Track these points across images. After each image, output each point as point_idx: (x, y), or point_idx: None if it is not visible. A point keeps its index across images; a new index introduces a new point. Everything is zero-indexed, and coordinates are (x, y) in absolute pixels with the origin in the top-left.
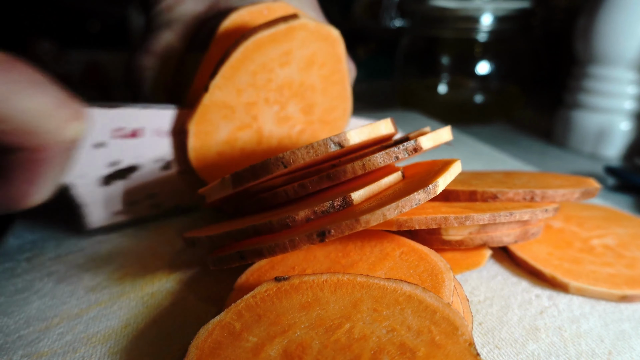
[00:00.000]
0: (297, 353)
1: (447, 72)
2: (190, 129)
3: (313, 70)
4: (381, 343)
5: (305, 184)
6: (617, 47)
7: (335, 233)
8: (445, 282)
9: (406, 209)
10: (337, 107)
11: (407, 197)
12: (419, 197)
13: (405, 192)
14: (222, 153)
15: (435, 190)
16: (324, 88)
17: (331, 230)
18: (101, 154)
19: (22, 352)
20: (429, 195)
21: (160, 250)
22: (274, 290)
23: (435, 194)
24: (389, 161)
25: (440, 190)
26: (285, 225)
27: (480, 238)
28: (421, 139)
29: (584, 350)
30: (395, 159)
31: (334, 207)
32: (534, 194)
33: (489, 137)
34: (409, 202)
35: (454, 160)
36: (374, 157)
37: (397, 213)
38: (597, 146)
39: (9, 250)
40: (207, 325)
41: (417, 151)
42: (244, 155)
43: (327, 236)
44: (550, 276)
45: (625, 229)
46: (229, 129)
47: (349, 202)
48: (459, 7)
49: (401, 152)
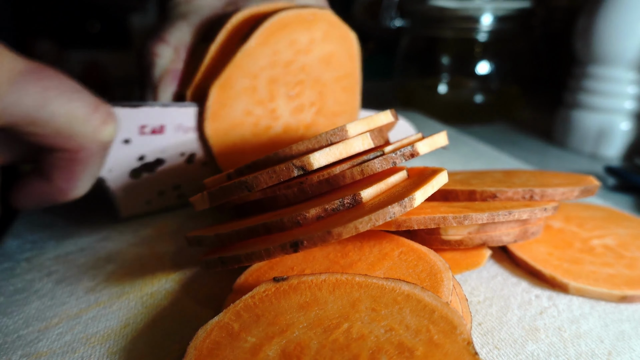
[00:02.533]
0: (296, 353)
1: (447, 72)
2: (212, 91)
3: (329, 68)
4: (379, 342)
5: (305, 188)
6: (617, 47)
7: (307, 244)
8: (443, 282)
9: (380, 222)
10: (344, 112)
11: (381, 210)
12: (394, 211)
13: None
14: (237, 130)
15: (412, 204)
16: (335, 90)
17: (304, 242)
18: (129, 149)
19: (21, 352)
20: (405, 209)
21: (160, 250)
22: (272, 291)
23: (412, 207)
24: (386, 166)
25: (417, 203)
26: (296, 223)
27: (479, 238)
28: (418, 145)
29: (584, 350)
30: (393, 164)
31: (343, 205)
32: (533, 192)
33: (489, 137)
34: (382, 216)
35: (439, 170)
36: (372, 163)
37: (370, 226)
38: (597, 146)
39: (8, 250)
40: (205, 326)
41: (414, 156)
42: (256, 138)
43: (300, 247)
44: (550, 276)
45: (625, 229)
46: (247, 102)
47: (359, 200)
48: (459, 7)
49: (398, 158)
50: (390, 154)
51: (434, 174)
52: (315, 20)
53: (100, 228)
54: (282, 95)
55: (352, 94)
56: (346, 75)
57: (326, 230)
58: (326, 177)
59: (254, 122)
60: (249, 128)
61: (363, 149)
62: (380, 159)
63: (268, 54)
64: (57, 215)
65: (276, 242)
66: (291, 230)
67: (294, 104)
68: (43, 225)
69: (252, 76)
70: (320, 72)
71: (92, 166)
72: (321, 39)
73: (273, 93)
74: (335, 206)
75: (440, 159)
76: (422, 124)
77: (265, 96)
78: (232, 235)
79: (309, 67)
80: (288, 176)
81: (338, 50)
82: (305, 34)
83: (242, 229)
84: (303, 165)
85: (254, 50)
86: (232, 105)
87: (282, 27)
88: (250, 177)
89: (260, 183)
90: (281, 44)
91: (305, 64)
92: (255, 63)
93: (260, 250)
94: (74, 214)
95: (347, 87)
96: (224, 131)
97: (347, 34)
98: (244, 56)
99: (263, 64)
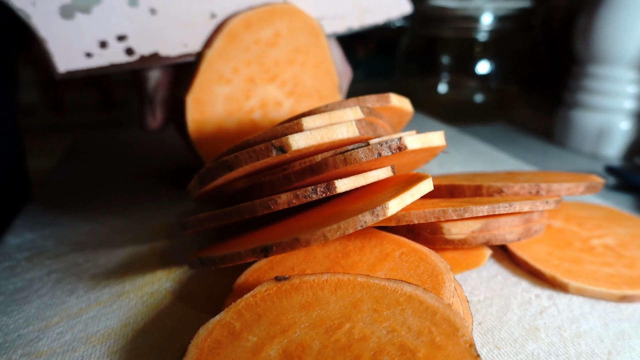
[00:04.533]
0: (297, 353)
1: (447, 71)
2: (188, 99)
3: (301, 57)
4: (381, 343)
5: (289, 175)
6: (617, 47)
7: (276, 250)
8: (445, 283)
9: (349, 231)
10: (325, 98)
11: (352, 219)
12: (365, 219)
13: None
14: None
15: (385, 213)
16: (312, 77)
17: (273, 248)
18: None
19: (22, 351)
20: (377, 218)
21: (161, 249)
22: (274, 290)
23: (385, 216)
24: (370, 157)
25: (391, 213)
26: (267, 207)
27: (482, 237)
28: (406, 139)
29: (584, 350)
30: (378, 155)
31: (316, 192)
32: (539, 187)
33: (489, 137)
34: (352, 225)
35: (424, 177)
36: (355, 152)
37: (339, 235)
38: (597, 146)
39: (8, 249)
40: (206, 325)
41: (402, 150)
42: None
43: (270, 252)
44: (550, 276)
45: (625, 229)
46: (226, 103)
47: (332, 189)
48: (459, 6)
49: (384, 149)
50: (375, 145)
51: (417, 181)
52: (276, 15)
53: (101, 227)
54: (260, 90)
55: (329, 78)
56: (318, 62)
57: (294, 237)
58: (308, 164)
59: (237, 120)
60: (233, 126)
61: (347, 137)
62: (364, 148)
63: (237, 54)
64: (57, 215)
65: (249, 245)
66: (273, 226)
67: (273, 98)
68: (43, 224)
69: (223, 79)
70: (293, 63)
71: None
72: (287, 32)
73: (249, 91)
74: (307, 193)
75: (440, 159)
76: (422, 123)
77: (243, 95)
78: (209, 218)
79: (281, 60)
80: (267, 156)
81: (306, 39)
82: (269, 29)
83: (218, 212)
84: (282, 145)
85: (222, 52)
86: (212, 109)
87: (245, 26)
88: (231, 157)
89: (241, 162)
90: (247, 42)
91: (277, 57)
92: (226, 64)
93: (232, 253)
94: (74, 213)
95: (323, 73)
96: (208, 133)
97: (311, 22)
98: (213, 60)
99: (232, 66)
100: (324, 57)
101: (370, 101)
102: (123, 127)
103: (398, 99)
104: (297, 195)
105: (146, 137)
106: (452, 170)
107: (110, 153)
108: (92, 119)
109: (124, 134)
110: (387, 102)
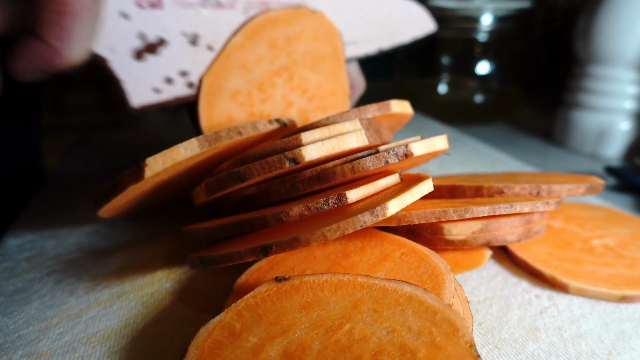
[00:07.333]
0: (297, 353)
1: (447, 72)
2: (203, 81)
3: (317, 60)
4: (381, 344)
5: (297, 184)
6: (617, 47)
7: (276, 250)
8: (445, 284)
9: (349, 231)
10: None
11: (351, 218)
12: (364, 220)
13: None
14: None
15: (385, 213)
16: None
17: (273, 247)
18: (128, 25)
19: (22, 352)
20: (377, 218)
21: (161, 250)
22: (274, 291)
23: (385, 217)
24: (378, 165)
25: (390, 213)
26: (279, 220)
27: (483, 237)
28: (412, 145)
29: (584, 350)
30: (385, 163)
31: (328, 204)
32: (540, 188)
33: (489, 137)
34: (352, 224)
35: (424, 177)
36: (363, 160)
37: (339, 234)
38: (597, 146)
39: (8, 249)
40: (207, 325)
41: (408, 157)
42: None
43: (270, 252)
44: (550, 276)
45: (625, 229)
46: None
47: (344, 200)
48: (459, 7)
49: (391, 157)
50: (383, 153)
51: (417, 182)
52: (299, 17)
53: (101, 228)
54: (274, 87)
55: (340, 86)
56: (333, 69)
57: (294, 236)
58: (317, 172)
59: (248, 112)
60: (242, 117)
61: (357, 146)
62: (372, 157)
63: (258, 48)
64: (57, 215)
65: (250, 245)
66: (274, 227)
67: (285, 96)
68: (43, 224)
69: (244, 68)
70: (309, 65)
71: (83, 21)
72: (310, 33)
73: (263, 85)
74: (319, 205)
75: (440, 159)
76: (422, 124)
77: (256, 87)
78: (218, 229)
79: (299, 60)
80: (280, 167)
81: (325, 45)
82: (293, 27)
83: (227, 223)
84: (295, 157)
85: (242, 44)
86: (224, 98)
87: (271, 22)
88: (243, 168)
89: (253, 174)
90: (266, 40)
91: (296, 57)
92: (245, 55)
93: (232, 252)
94: (74, 214)
95: (336, 80)
96: (218, 125)
97: (332, 29)
98: (232, 50)
99: (254, 59)
100: (339, 65)
101: (371, 111)
102: (123, 128)
103: (398, 104)
104: (309, 207)
105: (146, 137)
106: (453, 170)
107: (110, 153)
108: (92, 120)
109: (124, 134)
110: (388, 110)
